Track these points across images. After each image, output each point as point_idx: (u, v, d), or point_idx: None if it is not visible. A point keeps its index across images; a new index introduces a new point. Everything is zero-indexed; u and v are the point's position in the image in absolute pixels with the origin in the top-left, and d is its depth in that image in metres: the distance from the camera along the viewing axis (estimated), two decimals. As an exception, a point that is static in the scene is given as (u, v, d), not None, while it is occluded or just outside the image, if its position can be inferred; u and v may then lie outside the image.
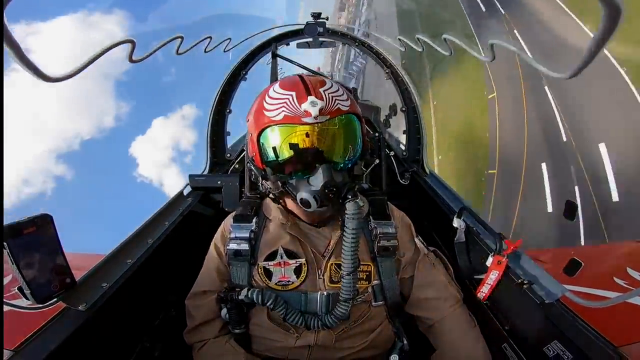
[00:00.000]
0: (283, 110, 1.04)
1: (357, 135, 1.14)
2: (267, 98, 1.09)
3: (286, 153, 1.07)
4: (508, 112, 13.19)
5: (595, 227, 8.67)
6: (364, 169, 1.19)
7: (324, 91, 1.07)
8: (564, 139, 10.83)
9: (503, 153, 12.67)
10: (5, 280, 1.20)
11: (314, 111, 1.02)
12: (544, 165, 11.04)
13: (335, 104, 1.07)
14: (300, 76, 1.14)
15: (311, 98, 1.03)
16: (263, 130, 1.08)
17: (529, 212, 10.89)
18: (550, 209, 10.34)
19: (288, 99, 1.05)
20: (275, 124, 1.06)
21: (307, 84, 1.08)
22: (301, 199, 1.06)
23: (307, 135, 1.05)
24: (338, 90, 1.11)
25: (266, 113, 1.07)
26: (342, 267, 1.09)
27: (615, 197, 8.75)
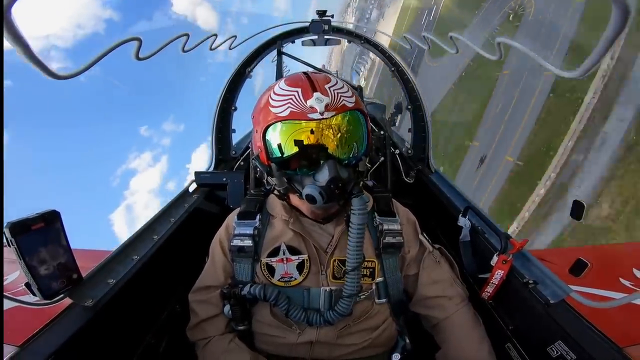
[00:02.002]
0: (289, 107, 1.04)
1: (362, 131, 1.13)
2: (272, 95, 1.09)
3: (291, 149, 1.07)
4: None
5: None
6: (368, 165, 1.18)
7: (329, 87, 1.07)
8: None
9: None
10: (13, 276, 1.22)
11: (320, 107, 1.02)
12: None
13: (341, 100, 1.07)
14: (306, 73, 1.14)
15: (317, 94, 1.03)
16: (269, 126, 1.08)
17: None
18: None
19: (294, 95, 1.05)
20: (281, 120, 1.05)
21: (312, 81, 1.08)
22: (307, 195, 1.06)
23: (312, 131, 1.05)
24: (343, 87, 1.11)
25: (272, 109, 1.07)
26: (346, 263, 1.09)
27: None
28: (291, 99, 1.05)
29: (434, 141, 2.39)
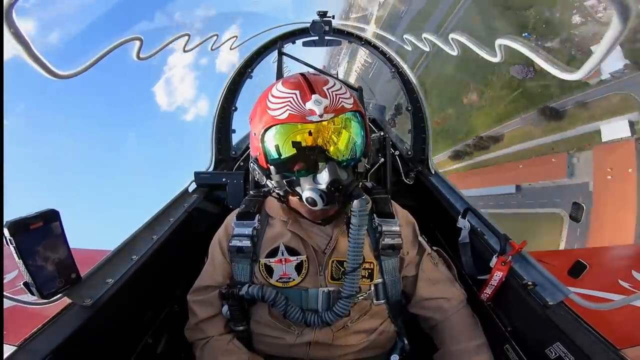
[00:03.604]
0: (287, 109, 1.04)
1: (361, 132, 1.13)
2: (270, 97, 1.08)
3: (289, 151, 1.07)
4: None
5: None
6: (367, 166, 1.18)
7: (327, 89, 1.07)
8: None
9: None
10: (12, 275, 1.22)
11: (319, 109, 1.01)
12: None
13: (339, 102, 1.06)
14: (303, 74, 1.13)
15: (315, 96, 1.03)
16: (267, 129, 1.07)
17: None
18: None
19: (292, 97, 1.05)
20: (280, 123, 1.05)
21: (310, 83, 1.08)
22: (307, 198, 1.05)
23: (311, 133, 1.04)
24: (341, 88, 1.11)
25: (270, 112, 1.06)
26: (345, 264, 1.09)
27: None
28: (289, 101, 1.04)
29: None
